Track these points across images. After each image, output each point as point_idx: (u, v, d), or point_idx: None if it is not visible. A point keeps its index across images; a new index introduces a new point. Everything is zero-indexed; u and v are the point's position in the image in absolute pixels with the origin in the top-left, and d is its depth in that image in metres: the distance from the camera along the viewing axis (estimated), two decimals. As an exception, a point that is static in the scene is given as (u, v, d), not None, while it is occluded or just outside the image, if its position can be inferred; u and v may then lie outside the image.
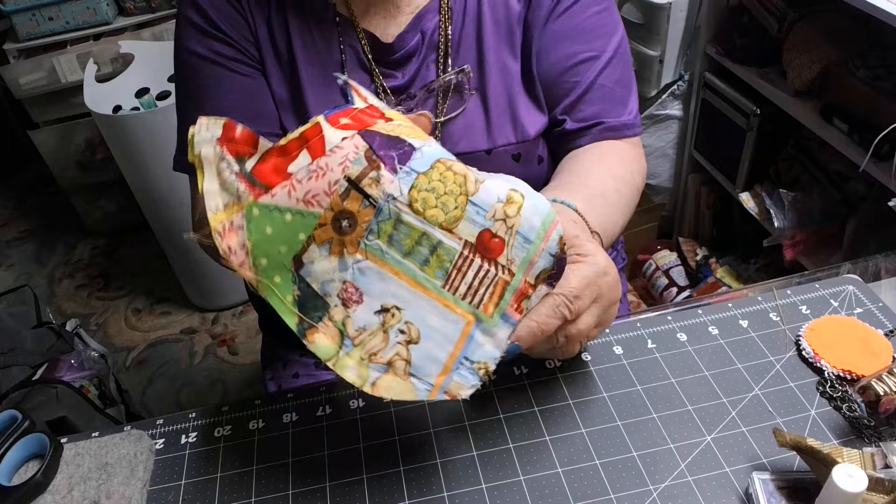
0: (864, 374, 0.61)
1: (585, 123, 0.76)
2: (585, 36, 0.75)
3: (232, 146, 0.52)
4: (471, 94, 0.74)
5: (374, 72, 0.74)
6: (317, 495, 0.59)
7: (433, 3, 0.73)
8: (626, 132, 0.77)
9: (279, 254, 0.52)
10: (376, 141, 0.52)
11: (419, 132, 0.55)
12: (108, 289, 2.25)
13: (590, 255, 0.55)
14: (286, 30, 0.73)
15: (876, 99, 1.27)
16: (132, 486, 0.59)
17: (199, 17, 0.72)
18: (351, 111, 0.54)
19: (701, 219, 1.97)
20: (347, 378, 0.52)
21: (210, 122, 0.51)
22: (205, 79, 0.73)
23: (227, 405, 0.67)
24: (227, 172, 0.51)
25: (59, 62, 2.00)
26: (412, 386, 0.52)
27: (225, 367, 1.90)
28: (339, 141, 0.51)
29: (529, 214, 0.52)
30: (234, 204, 0.51)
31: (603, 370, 0.66)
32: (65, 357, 1.49)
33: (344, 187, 0.51)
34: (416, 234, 0.52)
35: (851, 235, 1.45)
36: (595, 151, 0.76)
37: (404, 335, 0.52)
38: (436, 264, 0.52)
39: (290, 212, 0.51)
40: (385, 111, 0.56)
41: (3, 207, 2.70)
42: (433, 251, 0.52)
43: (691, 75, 1.77)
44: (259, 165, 0.52)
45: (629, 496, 0.56)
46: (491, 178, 0.53)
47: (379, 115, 0.55)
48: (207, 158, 0.51)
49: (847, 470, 0.47)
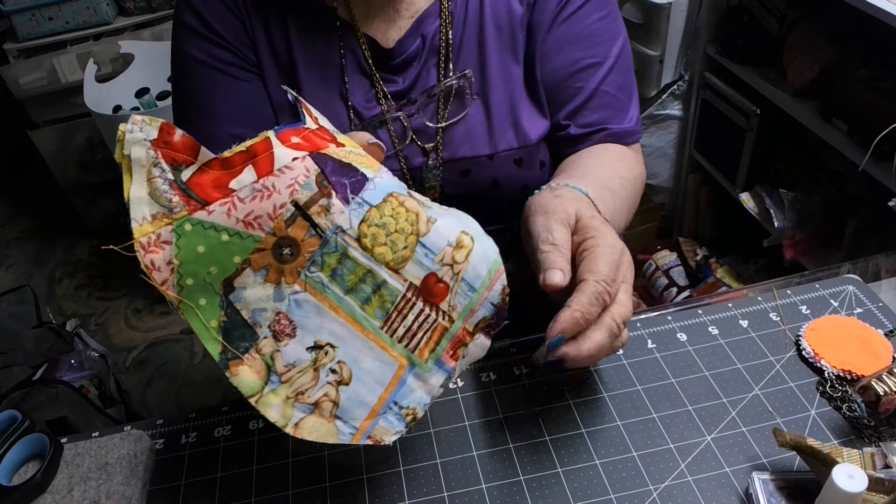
0: (864, 374, 0.61)
1: (589, 129, 0.76)
2: (588, 42, 0.75)
3: (168, 152, 0.48)
4: (472, 99, 0.74)
5: (374, 77, 0.73)
6: (317, 495, 0.59)
7: (433, 7, 0.73)
8: (628, 139, 0.78)
9: (209, 275, 0.49)
10: (328, 166, 0.49)
11: (372, 161, 0.52)
12: (108, 289, 2.25)
13: (609, 237, 0.55)
14: (286, 34, 0.73)
15: (876, 99, 1.27)
16: (132, 486, 0.59)
17: (196, 22, 0.72)
18: (302, 130, 0.51)
19: (701, 219, 1.97)
20: (270, 417, 0.49)
21: (146, 120, 0.47)
22: (201, 83, 0.73)
23: (227, 405, 0.67)
24: (159, 180, 0.47)
25: (59, 62, 2.00)
26: (335, 429, 0.50)
27: (225, 367, 1.90)
28: (290, 161, 0.48)
29: (477, 261, 0.51)
30: (164, 216, 0.48)
31: (603, 370, 0.66)
32: (65, 357, 1.49)
33: (290, 212, 0.48)
34: (360, 270, 0.49)
35: (851, 235, 1.45)
36: (600, 151, 0.76)
37: (335, 375, 0.50)
38: (377, 304, 0.50)
39: (228, 232, 0.48)
40: (336, 135, 0.53)
41: (3, 207, 2.70)
42: (376, 290, 0.50)
43: (691, 75, 1.77)
44: (197, 177, 0.48)
45: (629, 496, 0.56)
46: (443, 217, 0.51)
47: (330, 139, 0.52)
48: (138, 161, 0.47)
49: (847, 470, 0.47)
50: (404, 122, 0.73)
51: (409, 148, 0.74)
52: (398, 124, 0.74)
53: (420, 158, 0.75)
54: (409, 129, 0.73)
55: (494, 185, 0.75)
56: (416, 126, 0.74)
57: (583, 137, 0.77)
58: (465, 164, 0.74)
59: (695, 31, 1.70)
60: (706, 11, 1.65)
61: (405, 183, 0.75)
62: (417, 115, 0.73)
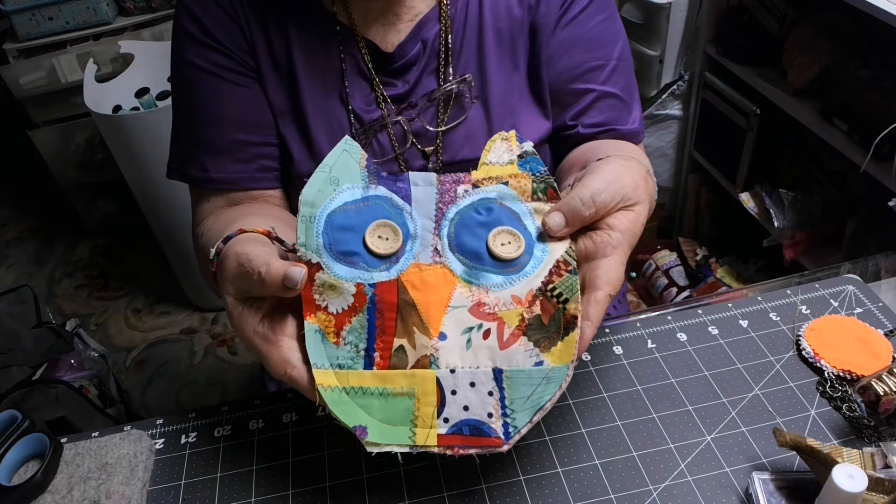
0: (864, 374, 0.61)
1: (597, 129, 0.77)
2: (592, 44, 0.75)
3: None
4: (472, 103, 0.74)
5: (374, 80, 0.73)
6: (317, 495, 0.58)
7: (433, 12, 0.73)
8: (634, 140, 0.78)
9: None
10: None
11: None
12: (108, 289, 2.25)
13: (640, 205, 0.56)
14: (285, 39, 0.72)
15: (876, 99, 1.27)
16: (132, 486, 0.59)
17: (194, 27, 0.72)
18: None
19: (701, 219, 1.97)
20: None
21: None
22: (201, 89, 0.73)
23: (226, 405, 0.67)
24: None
25: (59, 62, 2.00)
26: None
27: (225, 367, 1.91)
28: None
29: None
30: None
31: (603, 370, 0.66)
32: (65, 357, 1.49)
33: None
34: None
35: (851, 235, 1.45)
36: (617, 141, 0.77)
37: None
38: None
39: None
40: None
41: (3, 207, 2.70)
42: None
43: (691, 75, 1.77)
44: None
45: (629, 496, 0.56)
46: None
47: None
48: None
49: (847, 470, 0.47)
50: (404, 125, 0.73)
51: (409, 151, 0.74)
52: (398, 128, 0.74)
53: (420, 162, 0.75)
54: (409, 132, 0.73)
55: None
56: (416, 130, 0.74)
57: (591, 137, 0.77)
58: (465, 168, 0.75)
59: (695, 31, 1.70)
60: (706, 11, 1.65)
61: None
62: (417, 119, 0.73)
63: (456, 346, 0.53)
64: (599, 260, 0.54)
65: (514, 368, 0.52)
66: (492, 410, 0.51)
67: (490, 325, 0.53)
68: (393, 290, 0.54)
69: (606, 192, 0.54)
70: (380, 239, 0.56)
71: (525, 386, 0.51)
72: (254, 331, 0.54)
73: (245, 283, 0.53)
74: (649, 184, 0.60)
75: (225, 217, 0.70)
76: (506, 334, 0.53)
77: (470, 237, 0.56)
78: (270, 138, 0.75)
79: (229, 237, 0.58)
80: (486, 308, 0.54)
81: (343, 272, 0.54)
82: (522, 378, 0.52)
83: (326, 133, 0.73)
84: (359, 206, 0.57)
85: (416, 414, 0.52)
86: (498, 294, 0.54)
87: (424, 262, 0.56)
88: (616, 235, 0.54)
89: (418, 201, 0.59)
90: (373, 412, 0.52)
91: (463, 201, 0.58)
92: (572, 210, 0.54)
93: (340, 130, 0.73)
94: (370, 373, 0.53)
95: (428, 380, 0.52)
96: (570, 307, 0.52)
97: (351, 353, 0.53)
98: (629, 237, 0.55)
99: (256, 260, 0.52)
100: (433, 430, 0.51)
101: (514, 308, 0.54)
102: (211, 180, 0.74)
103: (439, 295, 0.55)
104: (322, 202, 0.56)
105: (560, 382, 0.51)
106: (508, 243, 0.55)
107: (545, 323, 0.53)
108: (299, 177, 0.74)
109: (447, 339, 0.53)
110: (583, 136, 0.77)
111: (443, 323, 0.54)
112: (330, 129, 0.73)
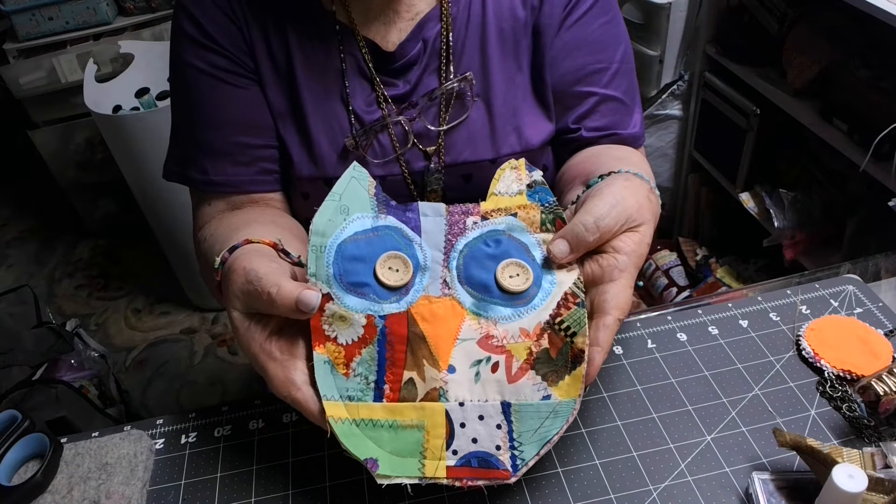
0: (864, 374, 0.61)
1: (599, 133, 0.76)
2: (595, 46, 0.75)
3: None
4: (473, 102, 0.73)
5: (374, 80, 0.73)
6: (317, 495, 0.58)
7: (434, 11, 0.73)
8: (635, 144, 0.78)
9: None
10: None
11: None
12: (108, 289, 2.25)
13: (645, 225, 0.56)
14: (285, 39, 0.72)
15: (876, 99, 1.27)
16: (132, 486, 0.59)
17: (193, 29, 0.71)
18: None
19: (701, 219, 1.97)
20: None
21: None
22: (200, 91, 0.73)
23: (226, 405, 0.67)
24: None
25: (59, 62, 2.00)
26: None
27: (225, 367, 1.91)
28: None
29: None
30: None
31: (603, 370, 0.66)
32: (65, 357, 1.49)
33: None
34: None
35: (851, 235, 1.45)
36: (618, 146, 0.77)
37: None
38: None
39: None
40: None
41: (4, 207, 2.71)
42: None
43: (691, 75, 1.77)
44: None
45: (629, 496, 0.56)
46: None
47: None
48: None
49: (847, 470, 0.47)
50: (405, 125, 0.73)
51: (411, 152, 0.74)
52: (399, 128, 0.73)
53: (422, 162, 0.74)
54: (411, 132, 0.73)
55: None
56: (417, 130, 0.73)
57: (593, 141, 0.77)
58: (467, 169, 0.74)
59: (695, 31, 1.70)
60: (706, 11, 1.65)
61: (406, 185, 0.75)
62: (419, 119, 0.73)
63: (465, 378, 0.53)
64: (607, 284, 0.54)
65: (523, 402, 0.53)
66: (500, 443, 0.52)
67: (499, 358, 0.54)
68: (403, 323, 0.55)
69: (610, 216, 0.54)
70: (390, 270, 0.56)
71: (533, 419, 0.52)
72: (260, 347, 0.54)
73: (253, 301, 0.53)
74: (653, 202, 0.60)
75: (227, 223, 0.70)
76: (514, 367, 0.53)
77: (479, 269, 0.57)
78: (270, 140, 0.74)
79: (234, 247, 0.57)
80: (494, 341, 0.54)
81: (354, 303, 0.54)
82: (531, 412, 0.52)
83: (327, 134, 0.73)
84: (369, 236, 0.57)
85: (426, 446, 0.52)
86: (506, 326, 0.55)
87: (434, 294, 0.56)
88: (622, 259, 0.54)
89: (428, 232, 0.59)
90: (383, 444, 0.52)
91: (472, 233, 0.58)
92: (576, 236, 0.54)
93: (341, 131, 0.73)
94: (380, 405, 0.53)
95: (437, 412, 0.53)
96: (578, 341, 0.53)
97: (361, 385, 0.53)
98: (636, 259, 0.55)
99: (266, 279, 0.52)
100: (442, 461, 0.52)
101: (523, 341, 0.54)
102: (211, 183, 0.74)
103: (448, 327, 0.55)
104: (332, 232, 0.56)
105: (567, 416, 0.52)
106: (517, 275, 0.56)
107: (553, 357, 0.53)
108: (299, 179, 0.74)
109: (456, 372, 0.54)
110: (586, 139, 0.77)
111: (452, 356, 0.54)
112: (330, 130, 0.73)
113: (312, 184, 0.74)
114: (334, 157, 0.73)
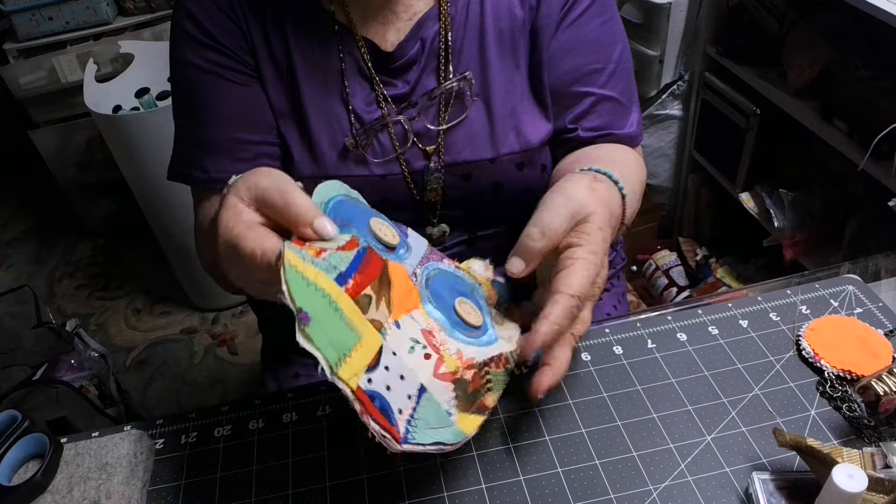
0: (864, 374, 0.61)
1: (596, 133, 0.77)
2: (591, 47, 0.75)
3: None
4: (472, 101, 0.74)
5: (374, 80, 0.73)
6: (317, 495, 0.59)
7: (433, 11, 0.73)
8: (632, 143, 0.78)
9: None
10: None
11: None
12: (108, 289, 2.25)
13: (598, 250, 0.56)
14: (284, 38, 0.72)
15: (876, 99, 1.27)
16: (132, 486, 0.59)
17: (193, 28, 0.71)
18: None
19: (701, 219, 1.97)
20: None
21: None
22: (201, 89, 0.73)
23: (227, 405, 0.67)
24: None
25: (59, 62, 2.00)
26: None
27: (225, 367, 1.91)
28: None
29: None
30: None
31: (603, 370, 0.66)
32: (65, 357, 1.49)
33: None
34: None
35: (851, 235, 1.45)
36: (620, 148, 0.77)
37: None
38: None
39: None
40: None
41: (4, 207, 2.70)
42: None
43: (691, 75, 1.77)
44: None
45: (629, 496, 0.56)
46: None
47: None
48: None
49: (847, 470, 0.47)
50: (405, 125, 0.73)
51: (411, 151, 0.74)
52: (399, 127, 0.74)
53: (421, 162, 0.75)
54: (411, 132, 0.73)
55: (496, 189, 0.75)
56: (417, 129, 0.74)
57: (590, 141, 0.77)
58: (467, 168, 0.74)
59: (695, 31, 1.70)
60: (706, 11, 1.65)
61: (406, 184, 0.75)
62: (418, 118, 0.73)
63: (403, 341, 0.54)
64: (560, 272, 0.55)
65: (433, 399, 0.53)
66: (403, 409, 0.51)
67: (433, 354, 0.55)
68: (380, 265, 0.55)
69: (554, 222, 0.55)
70: (381, 231, 0.58)
71: (433, 418, 0.52)
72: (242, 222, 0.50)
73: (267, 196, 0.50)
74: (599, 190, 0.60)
75: None
76: (441, 369, 0.55)
77: (443, 289, 0.60)
78: (271, 137, 0.74)
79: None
80: (434, 340, 0.56)
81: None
82: (435, 410, 0.53)
83: (327, 133, 0.73)
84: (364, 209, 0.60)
85: (352, 354, 0.49)
86: (447, 337, 0.56)
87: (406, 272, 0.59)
88: (577, 251, 0.55)
89: (412, 238, 0.63)
90: (321, 317, 0.48)
91: (444, 267, 0.63)
92: (525, 249, 0.56)
93: (341, 131, 0.73)
94: (338, 287, 0.50)
95: (374, 339, 0.51)
96: (489, 398, 0.56)
97: (327, 266, 0.50)
98: (592, 246, 0.55)
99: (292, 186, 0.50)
100: (356, 377, 0.49)
101: (455, 359, 0.55)
102: (211, 180, 0.74)
103: (405, 303, 0.56)
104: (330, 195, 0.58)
105: (455, 441, 0.52)
106: (472, 313, 0.59)
107: (468, 392, 0.55)
108: (299, 178, 0.74)
109: (400, 330, 0.54)
110: (582, 139, 0.77)
111: (402, 319, 0.55)
112: (330, 130, 0.73)
113: (313, 182, 0.74)
114: (334, 156, 0.73)
